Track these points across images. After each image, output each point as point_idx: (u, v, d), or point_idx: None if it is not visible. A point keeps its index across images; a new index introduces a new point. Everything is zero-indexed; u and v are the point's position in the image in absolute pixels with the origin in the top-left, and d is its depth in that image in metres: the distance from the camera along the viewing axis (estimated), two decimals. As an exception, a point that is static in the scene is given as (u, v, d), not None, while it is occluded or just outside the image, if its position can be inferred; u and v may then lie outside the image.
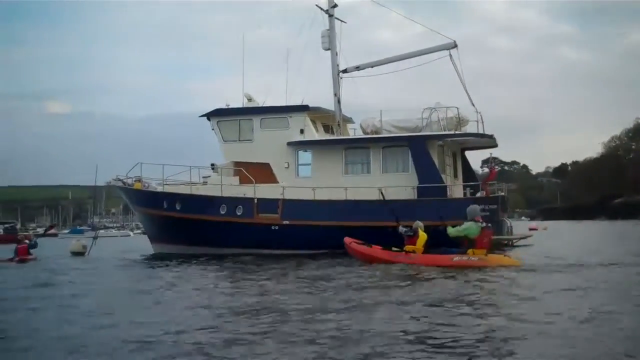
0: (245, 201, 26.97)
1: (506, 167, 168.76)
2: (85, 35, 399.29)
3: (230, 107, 29.26)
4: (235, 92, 31.77)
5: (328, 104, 29.62)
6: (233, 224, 26.85)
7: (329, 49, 29.18)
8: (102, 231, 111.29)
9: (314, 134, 28.02)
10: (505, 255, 17.42)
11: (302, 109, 28.00)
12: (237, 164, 28.53)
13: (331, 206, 25.88)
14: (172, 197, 28.51)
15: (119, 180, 30.93)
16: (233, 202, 27.18)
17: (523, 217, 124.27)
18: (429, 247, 18.37)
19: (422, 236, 18.35)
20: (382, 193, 22.99)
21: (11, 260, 26.24)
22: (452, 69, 27.29)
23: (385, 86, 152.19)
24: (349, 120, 30.61)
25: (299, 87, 39.05)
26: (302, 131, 27.76)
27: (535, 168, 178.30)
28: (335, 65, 29.22)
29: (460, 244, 17.11)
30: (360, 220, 25.11)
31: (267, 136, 28.26)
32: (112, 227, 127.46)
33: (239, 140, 28.82)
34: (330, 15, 29.38)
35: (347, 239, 20.85)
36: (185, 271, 19.96)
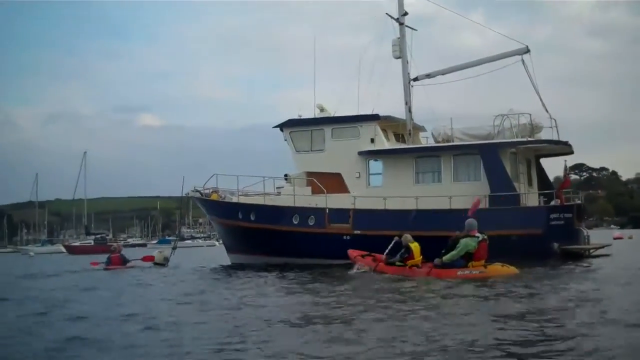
0: (317, 211, 27.18)
1: (594, 174, 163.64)
2: (174, 51, 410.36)
3: (302, 117, 29.58)
4: (312, 102, 32.13)
5: (400, 112, 29.60)
6: (305, 234, 27.10)
7: (399, 57, 29.10)
8: (189, 241, 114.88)
9: (385, 143, 27.99)
10: (503, 265, 17.65)
11: (373, 118, 28.03)
12: (310, 174, 28.79)
13: (402, 216, 25.74)
14: (247, 208, 29.02)
15: (197, 191, 31.71)
16: (305, 212, 27.44)
17: (612, 226, 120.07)
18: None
19: (415, 247, 19.34)
20: None
21: (107, 268, 28.80)
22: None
23: (457, 93, 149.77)
24: (421, 128, 30.45)
25: (371, 95, 38.91)
26: (372, 140, 27.78)
27: (626, 174, 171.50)
28: (406, 73, 29.12)
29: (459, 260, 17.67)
30: (431, 229, 24.89)
31: (338, 146, 28.41)
32: (199, 237, 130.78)
33: (311, 151, 29.10)
34: (401, 24, 29.31)
35: (351, 252, 21.94)
36: (250, 282, 20.29)
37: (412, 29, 29.71)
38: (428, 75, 29.10)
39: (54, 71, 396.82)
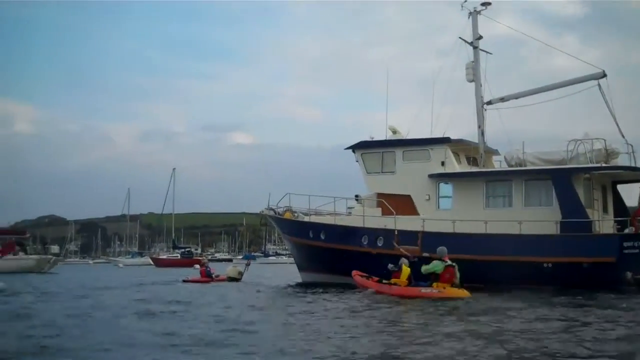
0: (386, 232, 27.27)
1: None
2: (263, 73, 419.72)
3: (374, 139, 29.83)
4: (385, 124, 32.12)
5: (474, 135, 29.45)
6: (374, 254, 27.25)
7: (472, 81, 29.00)
8: (273, 257, 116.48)
9: (455, 166, 27.89)
10: (459, 289, 19.96)
11: (443, 141, 27.99)
12: (380, 195, 28.95)
13: (470, 239, 25.53)
14: (317, 227, 29.44)
15: (271, 209, 32.40)
16: (374, 232, 27.59)
17: None
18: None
19: (405, 271, 21.97)
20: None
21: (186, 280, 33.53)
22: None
23: (532, 117, 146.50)
24: (494, 152, 30.17)
25: (445, 118, 38.75)
26: (443, 163, 27.72)
27: None
28: (479, 97, 28.97)
29: (428, 279, 20.43)
30: (500, 254, 24.66)
31: (409, 168, 28.50)
32: (284, 254, 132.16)
33: (382, 172, 29.27)
34: (475, 47, 29.24)
35: (354, 272, 24.66)
36: (315, 302, 20.68)
37: (486, 52, 29.60)
38: (502, 99, 28.85)
39: (148, 91, 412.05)
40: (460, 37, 29.20)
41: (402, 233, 26.90)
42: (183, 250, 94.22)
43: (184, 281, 33.51)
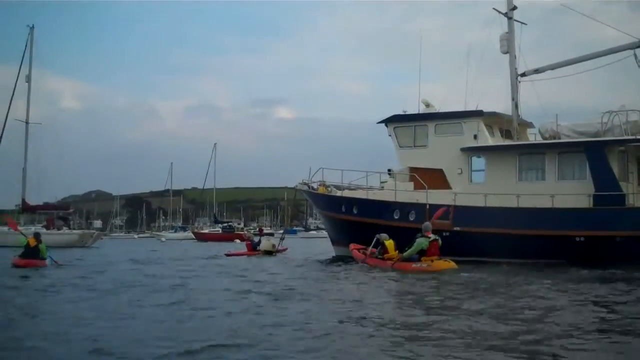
0: (418, 207, 27.23)
1: None
2: (309, 48, 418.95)
3: (406, 113, 29.69)
4: (417, 97, 31.61)
5: (509, 108, 29.08)
6: (406, 229, 27.20)
7: (507, 52, 28.60)
8: (314, 232, 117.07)
9: (488, 139, 27.61)
10: (445, 261, 20.91)
11: (476, 114, 27.72)
12: (412, 169, 28.88)
13: (503, 213, 25.37)
14: (350, 201, 29.55)
15: (305, 184, 32.60)
16: (406, 207, 27.58)
17: None
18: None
19: (389, 244, 23.14)
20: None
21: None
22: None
23: (568, 89, 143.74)
24: (528, 125, 29.81)
25: (480, 91, 38.23)
26: (475, 137, 27.49)
27: None
28: (513, 68, 28.57)
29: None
30: (533, 228, 24.49)
31: (441, 142, 28.32)
32: (324, 228, 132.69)
33: (414, 146, 29.16)
34: (510, 18, 28.79)
35: (351, 245, 25.74)
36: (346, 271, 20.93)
37: (521, 23, 29.13)
38: (536, 71, 28.43)
39: (194, 66, 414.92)
40: (494, 8, 28.78)
41: (433, 207, 26.80)
42: (224, 224, 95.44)
43: (227, 255, 33.95)
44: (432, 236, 21.36)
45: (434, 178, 27.86)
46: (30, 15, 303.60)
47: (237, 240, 68.52)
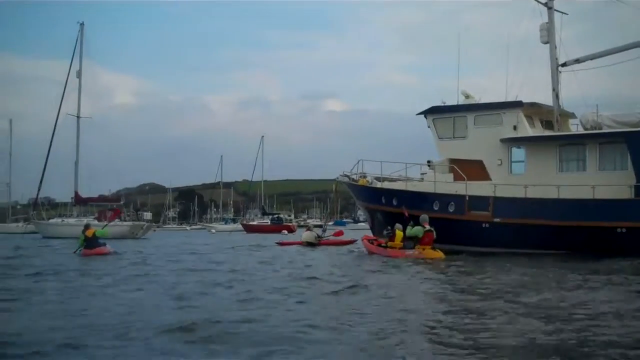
0: (457, 198, 27.23)
1: None
2: (359, 42, 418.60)
3: (445, 104, 29.65)
4: (457, 89, 31.23)
5: (550, 98, 28.79)
6: (445, 220, 27.24)
7: (547, 43, 28.30)
8: (362, 223, 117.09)
9: (528, 130, 27.38)
10: (435, 250, 22.97)
11: (516, 105, 27.51)
12: (452, 160, 28.83)
13: (543, 204, 25.21)
14: (390, 193, 29.68)
15: (346, 176, 32.87)
16: (445, 198, 27.58)
17: None
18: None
19: (399, 235, 24.32)
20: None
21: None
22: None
23: (610, 79, 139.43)
24: (570, 115, 29.44)
25: (518, 82, 38.01)
26: (515, 127, 27.27)
27: None
28: (554, 59, 28.23)
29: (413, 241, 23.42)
30: (573, 219, 24.29)
31: (481, 133, 28.21)
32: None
33: (454, 138, 29.09)
34: (550, 8, 28.46)
35: (363, 237, 28.79)
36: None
37: (562, 12, 28.78)
38: (577, 60, 28.02)
39: (245, 62, 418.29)
40: (534, -1, 28.49)
41: (473, 199, 26.81)
42: (273, 216, 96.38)
43: (278, 244, 36.54)
44: (428, 227, 23.33)
45: (473, 169, 27.79)
46: (89, 15, 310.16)
47: (285, 232, 69.20)
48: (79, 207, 62.47)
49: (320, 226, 43.01)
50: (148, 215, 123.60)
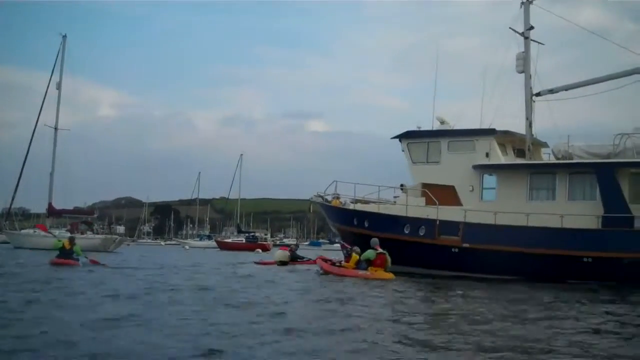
0: (428, 222, 27.41)
1: None
2: (345, 64, 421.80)
3: (420, 129, 29.89)
4: (432, 114, 31.35)
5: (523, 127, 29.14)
6: (415, 243, 27.43)
7: (522, 72, 28.67)
8: (338, 244, 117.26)
9: (500, 157, 27.69)
10: (386, 272, 23.43)
11: (489, 132, 27.80)
12: (425, 185, 29.03)
13: (512, 231, 25.44)
14: (362, 215, 29.79)
15: (320, 196, 32.96)
16: (416, 222, 27.76)
17: None
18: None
19: (354, 257, 24.78)
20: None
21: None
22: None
23: (583, 110, 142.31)
24: (543, 144, 29.78)
25: (494, 109, 38.42)
26: (487, 155, 27.57)
27: None
28: (528, 88, 28.60)
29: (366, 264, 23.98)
30: (541, 247, 24.52)
31: (454, 159, 28.45)
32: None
33: (427, 162, 29.32)
34: (526, 38, 28.87)
35: (317, 258, 28.51)
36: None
37: (538, 42, 29.20)
38: (551, 91, 28.42)
39: (235, 78, 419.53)
40: (510, 28, 28.89)
41: (443, 223, 27.00)
42: (247, 235, 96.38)
43: (256, 263, 35.02)
44: (380, 250, 23.92)
45: (445, 194, 28.00)
46: (72, 28, 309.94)
47: (259, 250, 69.12)
48: (52, 219, 61.91)
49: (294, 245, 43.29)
50: (121, 229, 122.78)
